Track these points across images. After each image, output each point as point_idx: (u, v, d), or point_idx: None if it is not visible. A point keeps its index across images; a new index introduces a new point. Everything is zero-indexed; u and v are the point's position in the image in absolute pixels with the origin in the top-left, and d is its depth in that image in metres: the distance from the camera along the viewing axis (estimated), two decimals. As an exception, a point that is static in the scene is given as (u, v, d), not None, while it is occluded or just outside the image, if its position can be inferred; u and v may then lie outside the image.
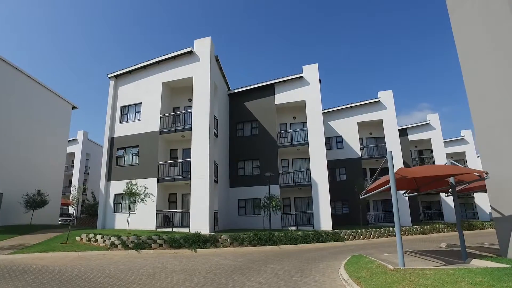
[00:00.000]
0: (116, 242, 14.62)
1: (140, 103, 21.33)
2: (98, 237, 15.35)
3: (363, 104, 29.44)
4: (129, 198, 17.75)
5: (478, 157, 44.21)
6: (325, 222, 20.86)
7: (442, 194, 31.14)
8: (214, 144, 20.37)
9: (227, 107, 25.54)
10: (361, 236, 20.14)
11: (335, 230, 19.53)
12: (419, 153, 36.84)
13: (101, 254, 13.58)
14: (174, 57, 20.92)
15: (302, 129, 24.58)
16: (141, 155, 20.27)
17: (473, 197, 37.19)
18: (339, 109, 30.35)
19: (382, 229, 21.67)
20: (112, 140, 21.41)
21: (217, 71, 22.52)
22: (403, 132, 33.34)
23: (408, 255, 12.04)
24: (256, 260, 12.02)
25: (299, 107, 24.82)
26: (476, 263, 8.64)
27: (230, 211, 23.26)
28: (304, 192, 23.87)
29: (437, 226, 25.39)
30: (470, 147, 39.55)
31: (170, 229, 18.18)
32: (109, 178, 20.70)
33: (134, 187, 16.97)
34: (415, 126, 34.98)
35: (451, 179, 9.95)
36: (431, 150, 35.17)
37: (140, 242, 14.59)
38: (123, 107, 22.00)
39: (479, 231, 27.73)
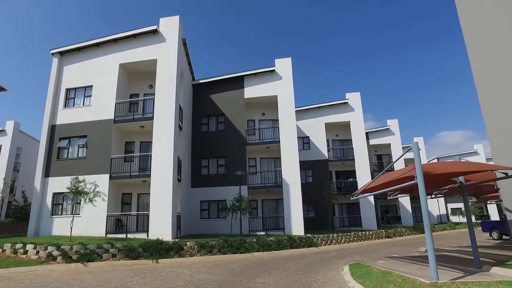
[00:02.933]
0: (55, 253, 11.57)
1: (91, 86, 18.05)
2: (29, 247, 12.06)
3: (331, 105, 28.96)
4: (74, 197, 14.45)
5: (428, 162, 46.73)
6: (296, 226, 19.49)
7: (400, 198, 31.87)
8: (178, 137, 17.94)
9: (191, 99, 23.10)
10: (333, 241, 19.14)
11: (308, 235, 18.22)
12: (378, 157, 37.63)
13: (33, 271, 10.45)
14: (134, 36, 18.11)
15: (271, 126, 23.13)
16: (90, 147, 17.05)
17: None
18: (306, 109, 29.54)
19: (352, 233, 20.94)
20: (53, 128, 17.76)
21: (183, 56, 20.10)
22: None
23: (405, 262, 11.02)
24: (236, 272, 10.08)
25: (269, 103, 23.33)
26: (500, 272, 7.70)
27: (192, 214, 20.84)
28: (273, 194, 22.33)
29: (399, 229, 25.65)
30: (421, 153, 41.54)
31: (123, 235, 15.36)
32: (47, 173, 17.07)
33: (81, 184, 13.90)
34: (376, 130, 35.62)
35: (461, 179, 9.08)
36: (389, 155, 36.05)
37: (87, 252, 11.71)
38: (69, 90, 18.46)
39: (434, 234, 28.81)
